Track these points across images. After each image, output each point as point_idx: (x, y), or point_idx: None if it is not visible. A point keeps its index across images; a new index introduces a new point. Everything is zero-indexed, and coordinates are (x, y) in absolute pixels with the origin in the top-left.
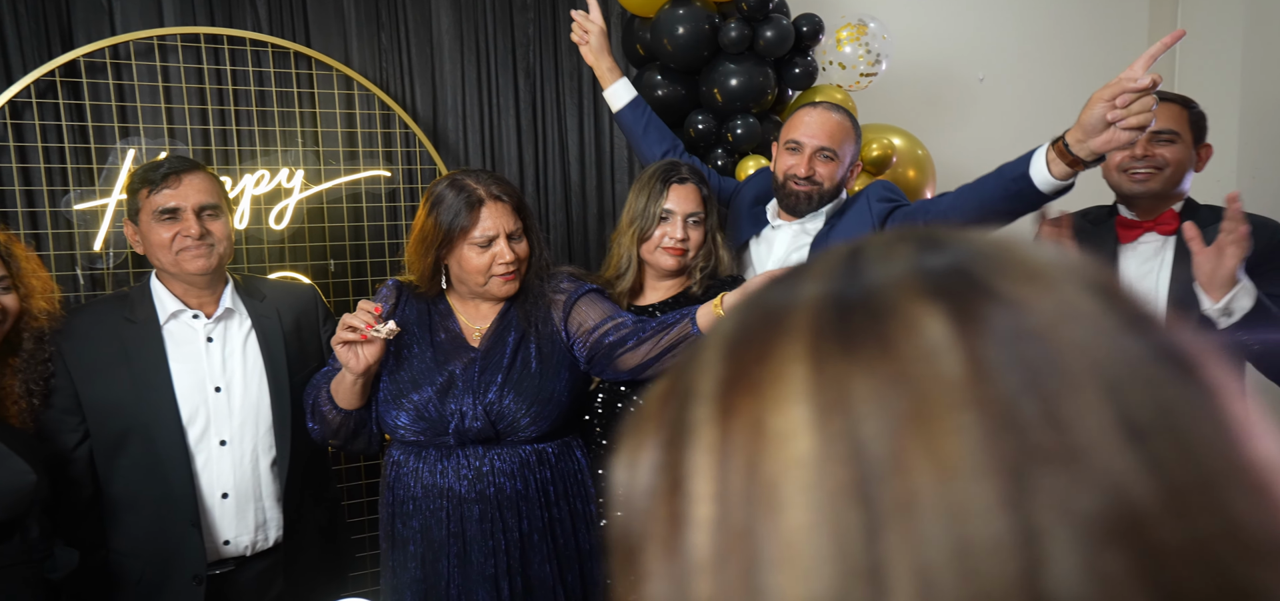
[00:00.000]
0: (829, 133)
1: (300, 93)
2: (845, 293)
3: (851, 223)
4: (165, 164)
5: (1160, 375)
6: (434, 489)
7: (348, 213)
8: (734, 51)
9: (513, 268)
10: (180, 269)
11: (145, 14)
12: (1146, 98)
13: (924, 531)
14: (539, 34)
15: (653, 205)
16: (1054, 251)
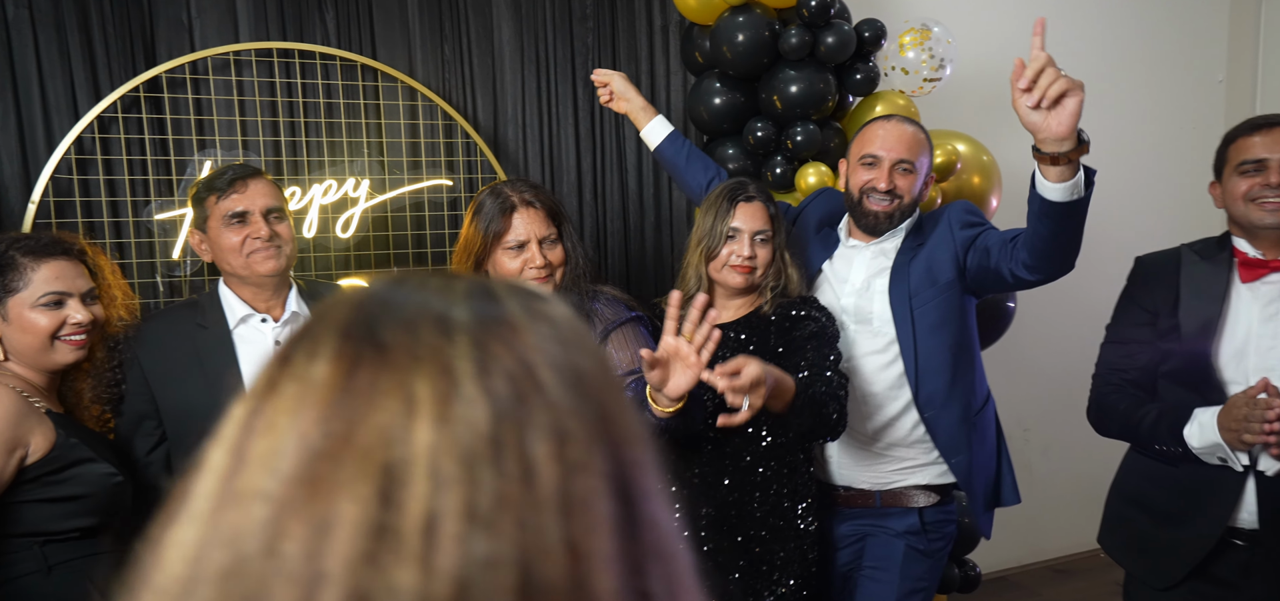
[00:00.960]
0: (907, 145)
1: (366, 104)
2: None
3: (936, 248)
4: (229, 171)
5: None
6: None
7: (411, 221)
8: (794, 58)
9: (545, 272)
10: (251, 271)
11: (222, 30)
12: (1047, 70)
13: None
14: (598, 42)
15: (719, 224)
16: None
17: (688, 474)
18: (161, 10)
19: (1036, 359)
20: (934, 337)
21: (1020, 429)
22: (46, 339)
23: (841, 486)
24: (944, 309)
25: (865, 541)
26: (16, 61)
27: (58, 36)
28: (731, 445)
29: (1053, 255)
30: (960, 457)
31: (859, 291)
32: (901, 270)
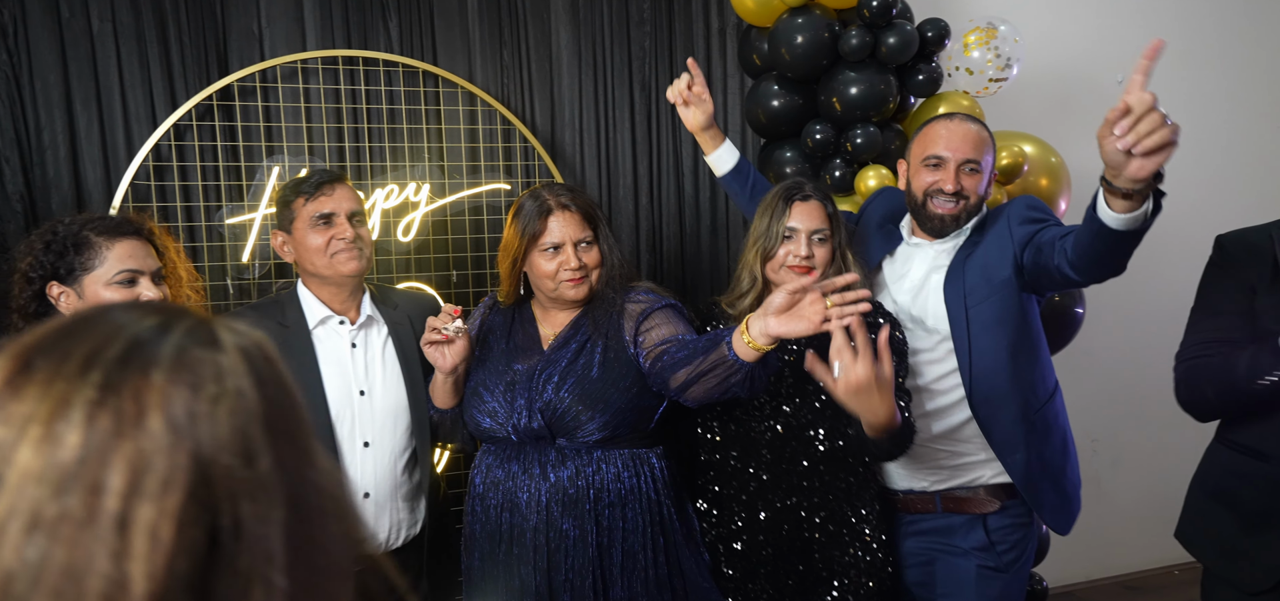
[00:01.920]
0: (972, 144)
1: (427, 109)
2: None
3: (991, 245)
4: (316, 175)
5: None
6: (495, 484)
7: (470, 225)
8: (855, 59)
9: (579, 273)
10: (335, 271)
11: (290, 40)
12: (1151, 116)
13: None
14: (655, 46)
15: (776, 224)
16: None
17: (745, 477)
18: (234, 21)
19: (1106, 367)
20: (990, 336)
21: (1089, 440)
22: None
23: (901, 491)
24: (1001, 307)
25: (934, 565)
26: (100, 73)
27: (138, 48)
28: (789, 448)
29: (1101, 265)
30: (1017, 456)
31: (916, 289)
32: (958, 268)
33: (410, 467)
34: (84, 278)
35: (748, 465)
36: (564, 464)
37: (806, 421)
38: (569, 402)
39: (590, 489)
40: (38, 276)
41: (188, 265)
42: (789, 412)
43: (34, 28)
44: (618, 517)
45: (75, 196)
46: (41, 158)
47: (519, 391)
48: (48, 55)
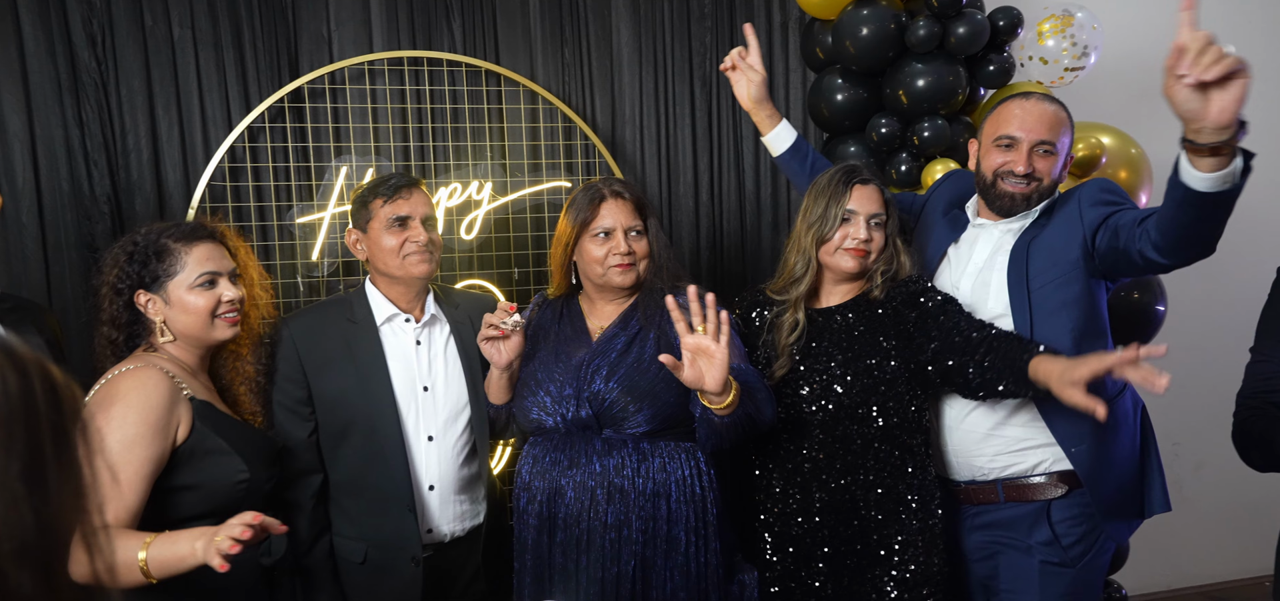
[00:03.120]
0: (1048, 125)
1: (490, 109)
2: None
3: (1060, 228)
4: (394, 178)
5: None
6: (542, 473)
7: (531, 222)
8: (922, 51)
9: (628, 259)
10: (406, 272)
11: (358, 42)
12: (1209, 49)
13: None
14: (716, 41)
15: (833, 207)
16: None
17: (799, 459)
18: (305, 24)
19: (1189, 366)
20: (1053, 319)
21: (1170, 443)
22: (207, 317)
23: (963, 481)
24: (1066, 290)
25: (998, 559)
26: (180, 78)
27: (215, 53)
28: (842, 428)
29: (1189, 242)
30: (1081, 448)
31: (979, 270)
32: (1021, 249)
33: (470, 460)
34: (168, 283)
35: (800, 446)
36: (610, 454)
37: (859, 398)
38: (617, 394)
39: (636, 479)
40: (125, 286)
41: (257, 265)
42: (841, 392)
43: (120, 36)
44: (662, 508)
45: (157, 198)
46: (126, 161)
47: (567, 382)
48: (132, 62)
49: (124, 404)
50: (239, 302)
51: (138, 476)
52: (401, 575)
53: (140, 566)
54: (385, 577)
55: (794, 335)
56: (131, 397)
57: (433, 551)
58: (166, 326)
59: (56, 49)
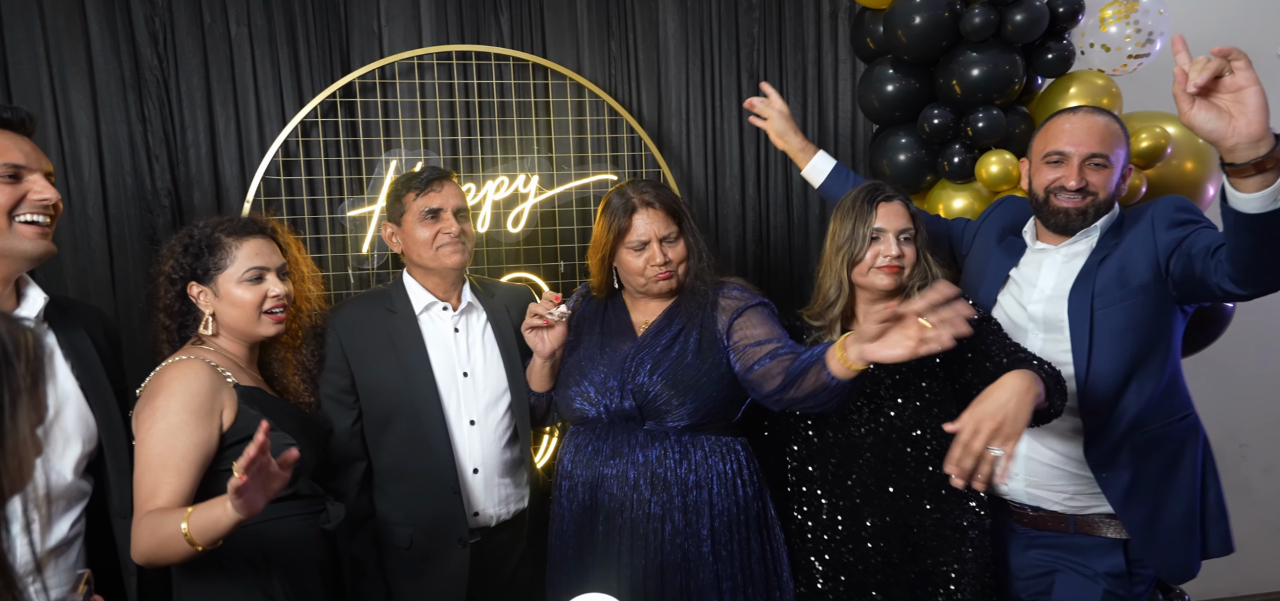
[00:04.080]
0: (1098, 137)
1: (536, 102)
2: None
3: (1131, 248)
4: (426, 172)
5: None
6: (584, 462)
7: (577, 215)
8: (977, 39)
9: (666, 268)
10: (440, 263)
11: (407, 37)
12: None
13: None
14: (763, 33)
15: (861, 226)
16: None
17: (846, 483)
18: (356, 20)
19: (1257, 364)
20: (1113, 342)
21: (1235, 445)
22: (255, 311)
23: (1031, 507)
24: (1131, 314)
25: (1055, 577)
26: (237, 74)
27: (270, 50)
28: (893, 451)
29: (1263, 269)
30: (1114, 474)
31: (1049, 299)
32: (1090, 271)
33: (512, 444)
34: (218, 276)
35: (850, 471)
36: (652, 445)
37: (910, 422)
38: (660, 387)
39: (677, 470)
40: (179, 277)
41: (308, 261)
42: (893, 415)
43: (180, 34)
44: (704, 501)
45: (215, 191)
46: (185, 155)
47: (612, 375)
48: (192, 59)
49: (166, 394)
50: (285, 299)
51: (185, 461)
52: (449, 558)
53: (185, 536)
54: (432, 561)
55: None
56: (173, 386)
57: (480, 535)
58: (215, 318)
59: (121, 48)
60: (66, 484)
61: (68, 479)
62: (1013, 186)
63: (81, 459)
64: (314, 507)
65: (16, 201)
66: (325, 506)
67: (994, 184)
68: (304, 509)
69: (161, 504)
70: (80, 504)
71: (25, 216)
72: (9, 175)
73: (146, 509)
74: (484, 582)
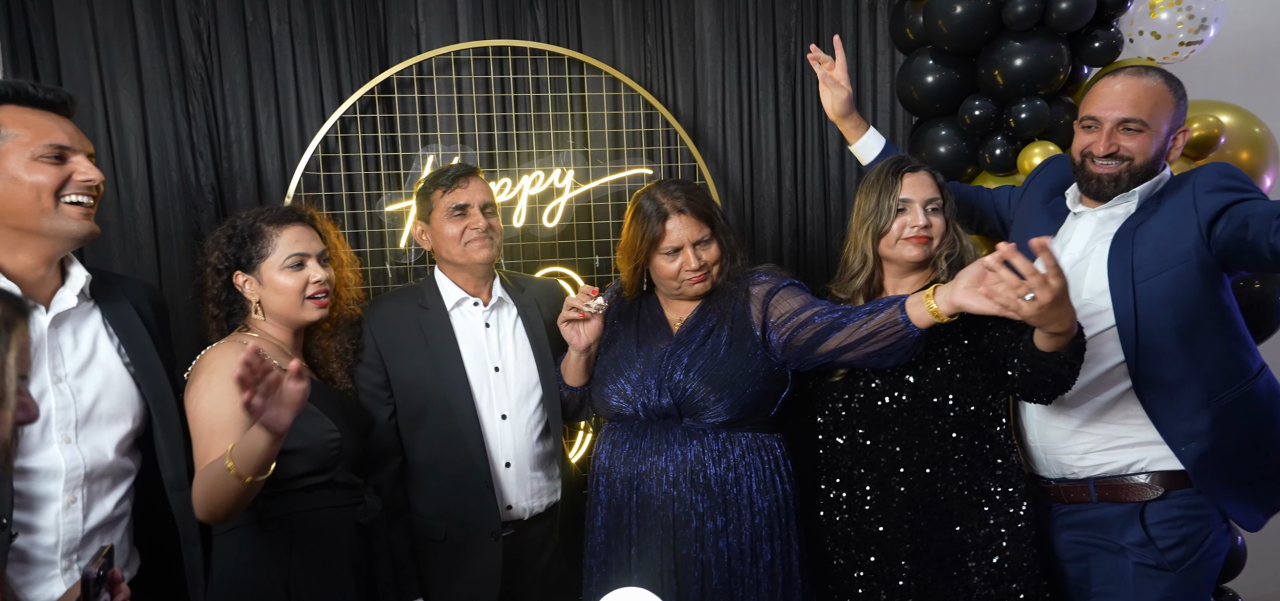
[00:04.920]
0: (1132, 101)
1: (572, 97)
2: None
3: (1170, 215)
4: (453, 168)
5: None
6: (622, 459)
7: (612, 210)
8: (1021, 28)
9: (701, 272)
10: (468, 259)
11: (444, 32)
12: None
13: None
14: (801, 25)
15: (887, 198)
16: None
17: (874, 453)
18: (394, 16)
19: None
20: (1160, 314)
21: None
22: (298, 296)
23: (1053, 479)
24: (1175, 284)
25: (1089, 561)
26: (278, 71)
27: (310, 47)
28: (918, 419)
29: None
30: (1192, 446)
31: (1074, 261)
32: (1125, 237)
33: (544, 438)
34: (261, 264)
35: (876, 441)
36: (689, 442)
37: (932, 388)
38: (697, 385)
39: (716, 468)
40: (225, 267)
41: (347, 249)
42: (913, 382)
43: (223, 32)
44: (744, 497)
45: (257, 187)
46: (228, 151)
47: (649, 372)
48: (235, 56)
49: (208, 372)
50: (326, 283)
51: (231, 424)
52: (482, 551)
53: (230, 471)
54: (465, 554)
55: None
56: (215, 364)
57: (512, 529)
58: (261, 306)
59: (167, 46)
60: (108, 462)
61: (109, 457)
62: None
63: (126, 436)
64: (351, 498)
65: (62, 182)
66: (363, 498)
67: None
68: (340, 499)
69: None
70: (126, 481)
71: (71, 197)
72: (55, 156)
73: (199, 471)
74: (516, 575)
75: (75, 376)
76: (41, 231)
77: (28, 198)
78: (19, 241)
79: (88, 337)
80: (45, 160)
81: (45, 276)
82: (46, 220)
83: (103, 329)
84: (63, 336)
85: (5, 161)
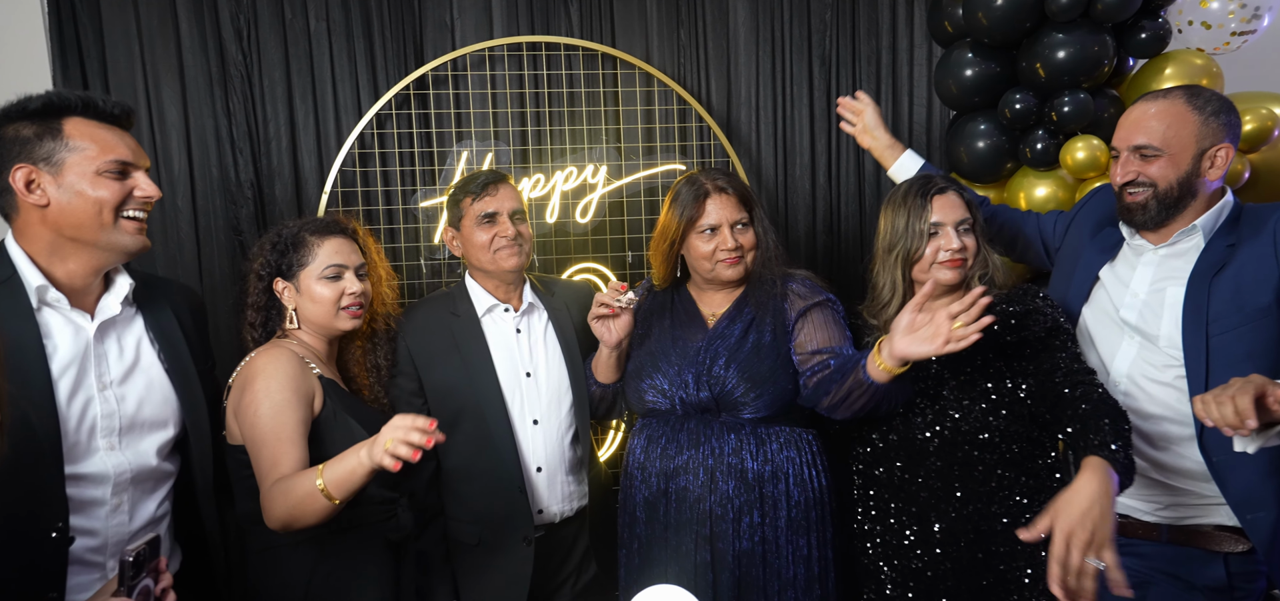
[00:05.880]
0: (1143, 127)
1: (605, 92)
2: None
3: (1250, 263)
4: (482, 176)
5: None
6: (658, 454)
7: (645, 206)
8: (1064, 19)
9: (735, 253)
10: (497, 266)
11: (479, 29)
12: None
13: None
14: (836, 18)
15: (916, 222)
16: None
17: (913, 487)
18: (429, 13)
19: None
20: (1235, 371)
21: None
22: (333, 307)
23: (1118, 514)
24: (1254, 340)
25: (1148, 590)
26: (316, 68)
27: (347, 45)
28: (960, 452)
29: None
30: (1263, 514)
31: (1144, 303)
32: (1200, 284)
33: (575, 442)
34: (300, 273)
35: (916, 474)
36: (726, 437)
37: (976, 424)
38: (736, 380)
39: (753, 463)
40: (267, 273)
41: (386, 264)
42: (958, 418)
43: (263, 30)
44: (781, 492)
45: (294, 183)
46: (267, 148)
47: (685, 367)
48: (273, 54)
49: (265, 376)
50: (361, 296)
51: (296, 432)
52: (514, 554)
53: (321, 491)
54: (498, 557)
55: None
56: (270, 369)
57: (543, 531)
58: (297, 313)
59: (208, 45)
60: (151, 467)
61: (152, 462)
62: (1101, 173)
63: (167, 442)
64: (383, 514)
65: (123, 198)
66: (396, 512)
67: (1080, 171)
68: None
69: (284, 472)
70: (166, 484)
71: (130, 212)
72: (118, 172)
73: (271, 480)
74: (546, 578)
75: (119, 383)
76: (98, 244)
77: (89, 212)
78: (72, 251)
79: (131, 344)
80: (108, 175)
81: (92, 284)
82: (104, 234)
83: (145, 335)
84: (108, 344)
85: (69, 174)
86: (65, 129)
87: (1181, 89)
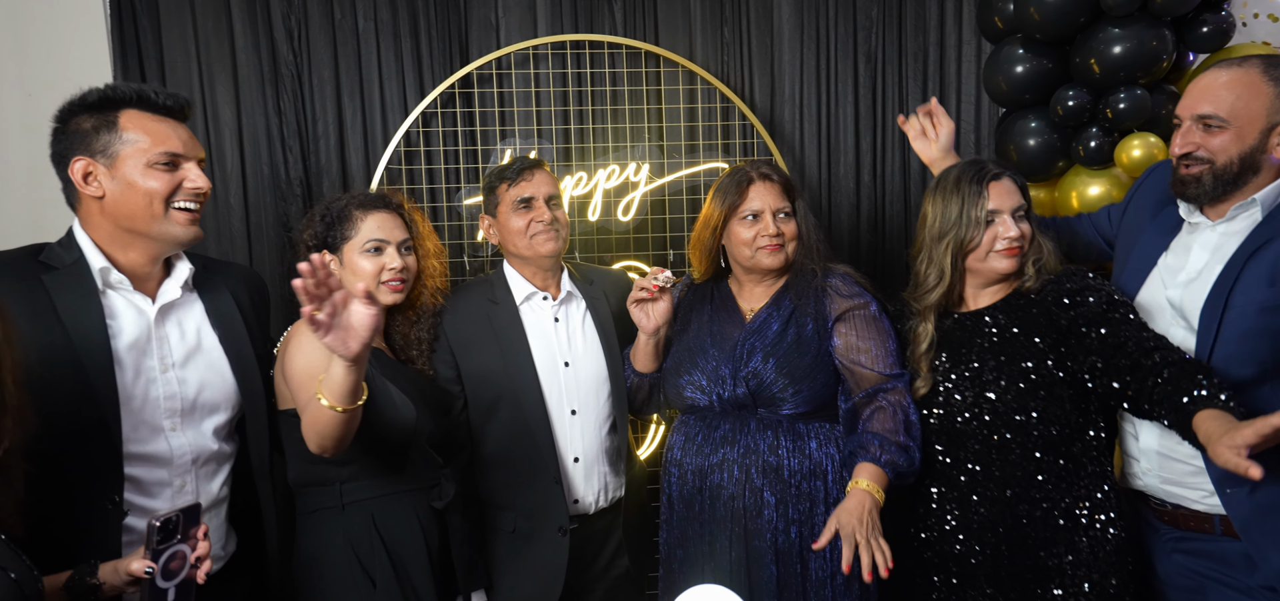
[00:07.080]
0: (1211, 95)
1: (648, 90)
2: None
3: None
4: (517, 162)
5: None
6: (695, 450)
7: (687, 204)
8: (1120, 13)
9: (776, 241)
10: (534, 252)
11: (523, 27)
12: None
13: None
14: (882, 15)
15: (971, 209)
16: None
17: (953, 472)
18: (475, 12)
19: None
20: (1243, 344)
21: None
22: (372, 280)
23: (1169, 504)
24: (1273, 318)
25: (1207, 594)
26: (364, 67)
27: (394, 43)
28: (999, 437)
29: None
30: (1242, 490)
31: (1190, 283)
32: (1237, 260)
33: (613, 433)
34: (344, 246)
35: (956, 458)
36: (764, 433)
37: (1016, 405)
38: (774, 375)
39: (791, 458)
40: (314, 245)
41: (434, 238)
42: (995, 399)
43: (313, 30)
44: (819, 490)
45: (342, 181)
46: (316, 146)
47: (723, 362)
48: (323, 53)
49: (299, 337)
50: (402, 271)
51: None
52: (548, 544)
53: (327, 405)
54: (532, 546)
55: (928, 346)
56: (304, 332)
57: (578, 523)
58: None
59: (261, 44)
60: (212, 449)
61: (213, 445)
62: None
63: (225, 423)
64: (428, 480)
65: (174, 189)
66: (439, 480)
67: (1135, 170)
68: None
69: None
70: (227, 465)
71: (180, 203)
72: (168, 163)
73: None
74: (581, 569)
75: (181, 366)
76: (151, 235)
77: (141, 203)
78: (130, 241)
79: (192, 328)
80: (159, 167)
81: (152, 271)
82: (155, 225)
83: (205, 319)
84: (169, 327)
85: (123, 166)
86: (120, 121)
87: (1258, 58)
